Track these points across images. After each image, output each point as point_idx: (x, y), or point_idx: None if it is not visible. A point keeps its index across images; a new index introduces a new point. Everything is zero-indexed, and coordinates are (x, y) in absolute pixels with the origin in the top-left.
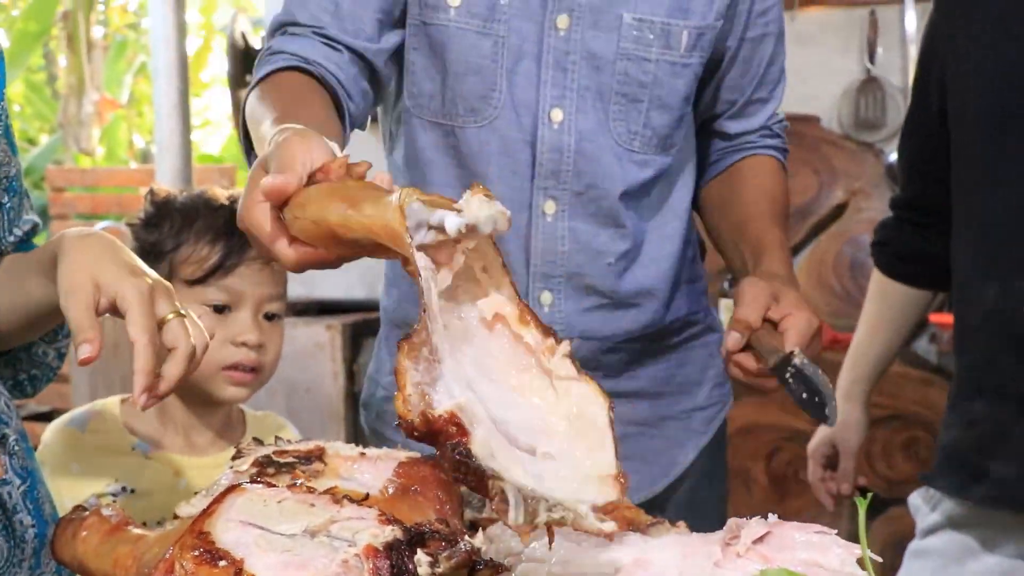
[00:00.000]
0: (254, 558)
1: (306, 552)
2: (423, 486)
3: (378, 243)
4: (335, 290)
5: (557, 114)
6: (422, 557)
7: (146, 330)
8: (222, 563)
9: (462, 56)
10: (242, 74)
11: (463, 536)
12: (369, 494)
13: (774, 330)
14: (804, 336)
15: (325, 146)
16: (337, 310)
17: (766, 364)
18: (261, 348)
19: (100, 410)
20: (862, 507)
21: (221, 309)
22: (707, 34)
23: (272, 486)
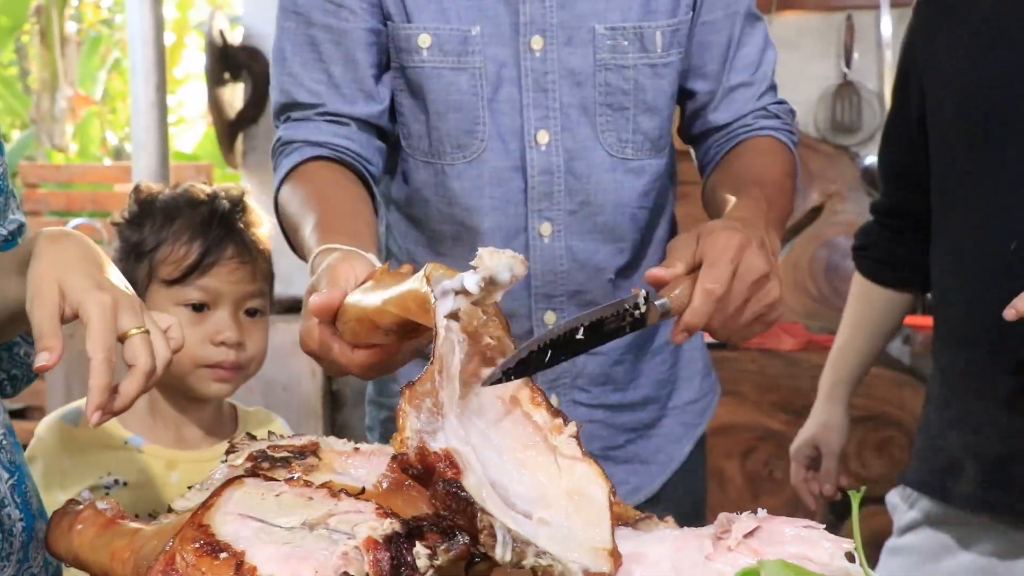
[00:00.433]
0: (255, 550)
1: (306, 544)
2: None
3: (413, 323)
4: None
5: (543, 136)
6: (420, 550)
7: (103, 348)
8: (223, 555)
9: (441, 95)
10: (220, 71)
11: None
12: (365, 488)
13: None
14: (716, 261)
15: (367, 263)
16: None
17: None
18: (240, 346)
19: None
20: (855, 499)
21: (200, 308)
22: (681, 29)
23: (270, 480)
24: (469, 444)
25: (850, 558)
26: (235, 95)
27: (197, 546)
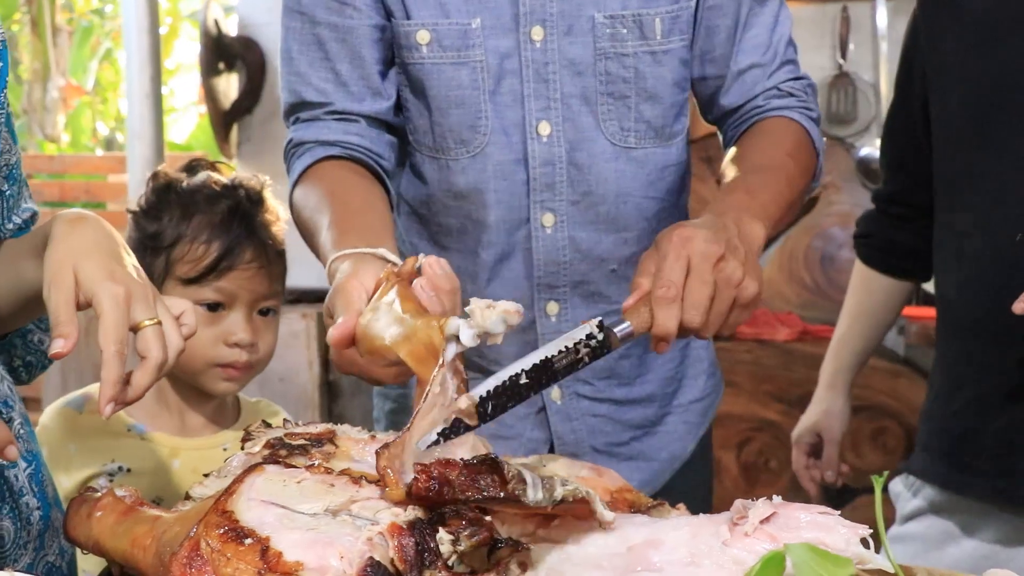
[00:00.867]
0: (279, 536)
1: (330, 531)
2: None
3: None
4: (309, 279)
5: (545, 127)
6: (443, 535)
7: (115, 340)
8: (248, 541)
9: (442, 91)
10: (215, 61)
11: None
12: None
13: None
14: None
15: (376, 267)
16: (312, 299)
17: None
18: (253, 347)
19: (95, 393)
20: (878, 485)
21: (215, 307)
22: (682, 16)
23: (290, 467)
24: None
25: (865, 544)
26: (230, 85)
27: (222, 532)
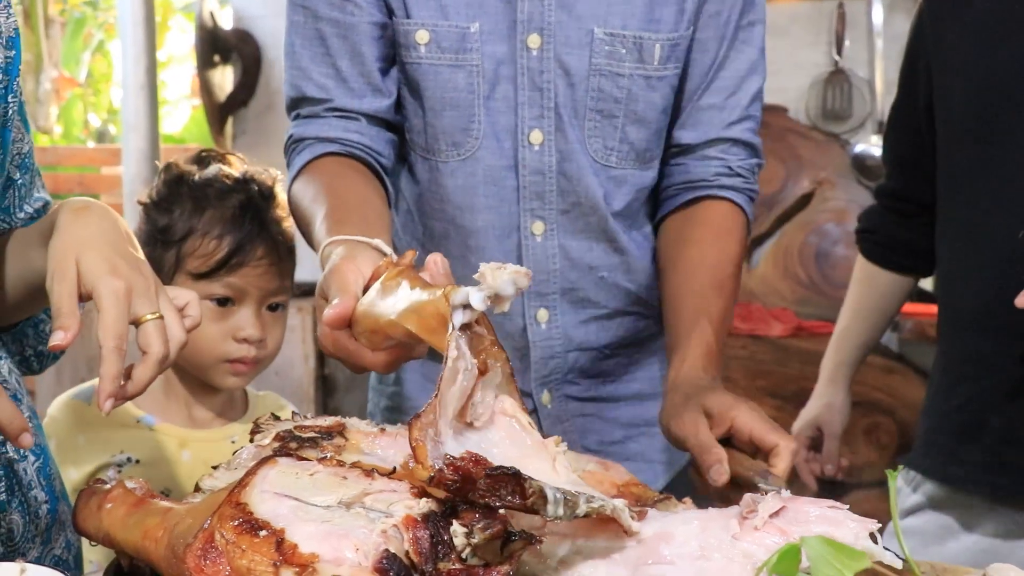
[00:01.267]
0: (294, 528)
1: (344, 523)
2: None
3: (417, 336)
4: (305, 273)
5: (536, 136)
6: (457, 528)
7: (114, 336)
8: (263, 533)
9: (438, 92)
10: (210, 53)
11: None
12: (396, 468)
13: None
14: (764, 430)
15: (372, 255)
16: (308, 293)
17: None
18: (262, 343)
19: None
20: (892, 479)
21: (224, 302)
22: (680, 44)
23: (303, 459)
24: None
25: (873, 539)
26: (225, 78)
27: (236, 524)
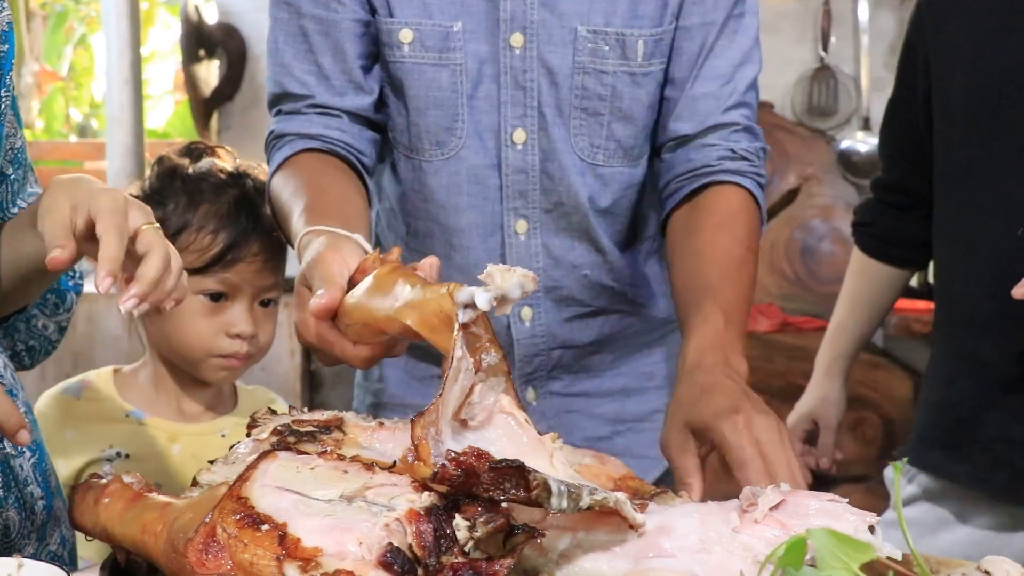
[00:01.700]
0: (296, 522)
1: (347, 517)
2: None
3: (415, 333)
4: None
5: (520, 135)
6: (460, 522)
7: (115, 227)
8: (265, 527)
9: (421, 91)
10: (195, 48)
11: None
12: (396, 462)
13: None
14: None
15: (357, 248)
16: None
17: None
18: (254, 338)
19: (93, 379)
20: (897, 471)
21: (217, 297)
22: (664, 39)
23: (303, 453)
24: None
25: (872, 531)
26: (210, 72)
27: (238, 518)
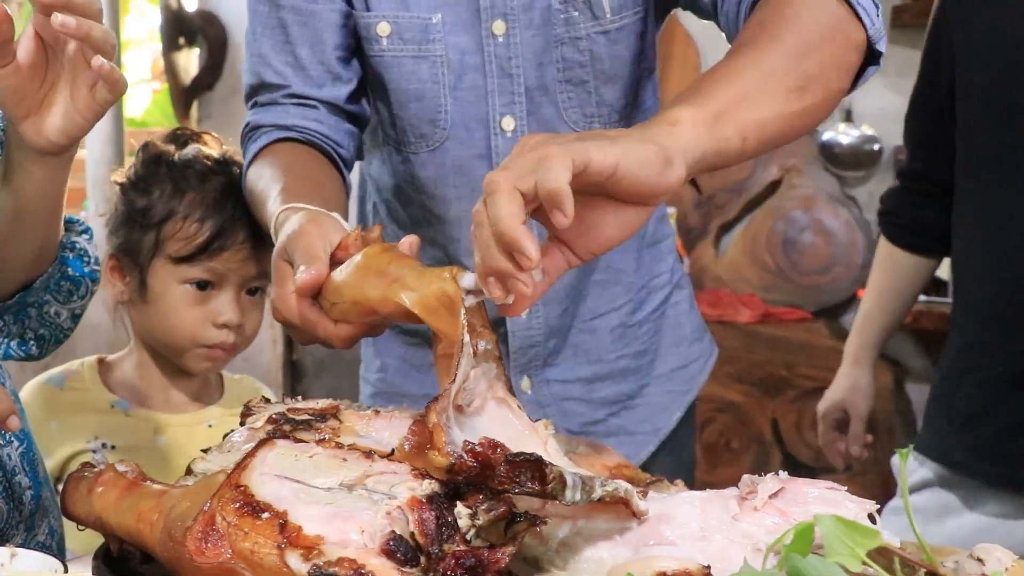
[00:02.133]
0: (297, 510)
1: (347, 505)
2: None
3: (409, 313)
4: None
5: (509, 122)
6: (462, 510)
7: None
8: (265, 515)
9: (402, 84)
10: (175, 36)
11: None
12: (394, 450)
13: None
14: None
15: (338, 224)
16: None
17: None
18: (240, 328)
19: (77, 369)
20: (903, 458)
21: (204, 286)
22: None
23: (300, 441)
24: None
25: (872, 520)
26: (190, 60)
27: (237, 506)
